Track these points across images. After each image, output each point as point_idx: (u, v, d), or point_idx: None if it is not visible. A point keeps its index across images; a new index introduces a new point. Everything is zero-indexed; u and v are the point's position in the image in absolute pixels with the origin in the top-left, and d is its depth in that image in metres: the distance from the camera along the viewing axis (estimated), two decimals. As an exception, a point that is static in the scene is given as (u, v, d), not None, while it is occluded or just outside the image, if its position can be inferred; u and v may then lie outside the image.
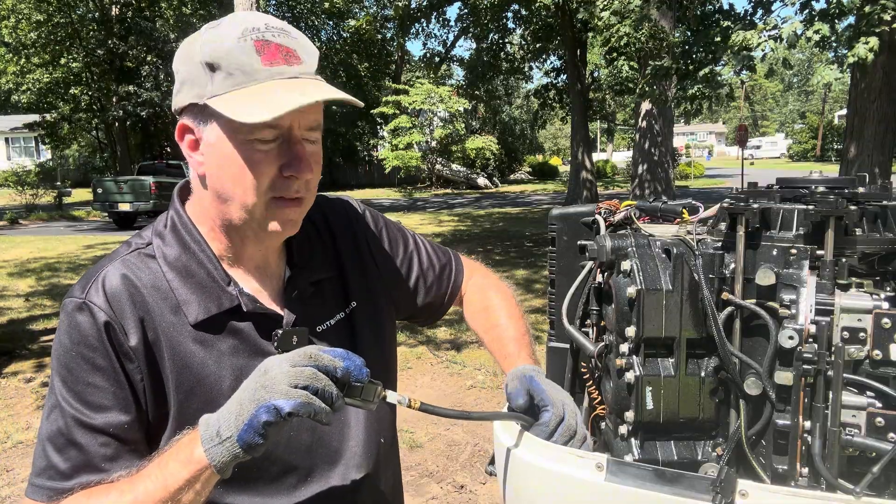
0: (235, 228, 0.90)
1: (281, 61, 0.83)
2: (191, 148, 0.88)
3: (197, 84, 0.84)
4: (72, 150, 31.72)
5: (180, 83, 0.87)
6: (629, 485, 0.81)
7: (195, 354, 0.88)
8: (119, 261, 0.90)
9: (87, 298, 0.86)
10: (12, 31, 22.19)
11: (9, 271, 9.80)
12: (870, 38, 5.71)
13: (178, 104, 0.88)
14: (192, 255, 0.90)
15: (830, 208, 0.80)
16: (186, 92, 0.85)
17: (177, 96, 0.88)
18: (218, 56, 0.82)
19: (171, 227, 0.92)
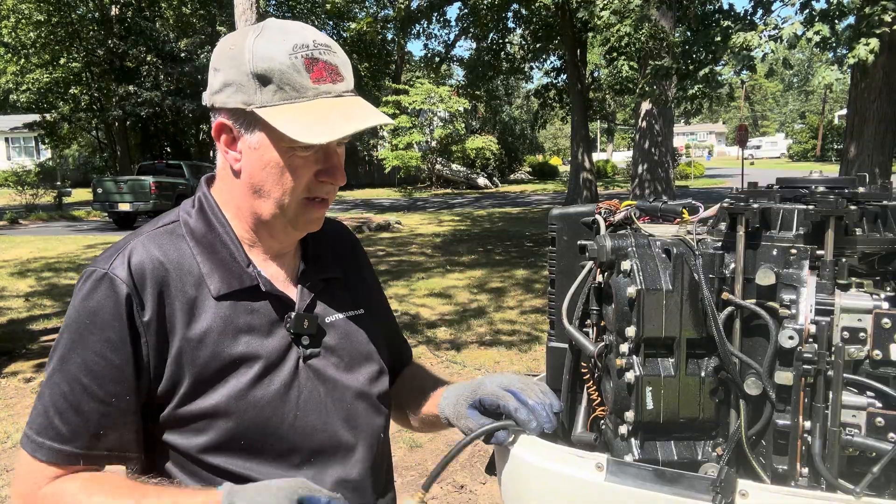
0: (263, 221, 0.96)
1: (328, 79, 0.90)
2: (227, 144, 0.93)
3: (244, 91, 0.89)
4: (72, 150, 31.72)
5: (223, 84, 0.91)
6: (629, 485, 0.81)
7: (212, 328, 0.92)
8: (145, 236, 0.94)
9: (112, 270, 0.89)
10: (12, 31, 22.18)
11: (9, 271, 9.80)
12: (870, 39, 5.71)
13: (219, 103, 0.92)
14: (217, 234, 0.96)
15: (830, 208, 0.80)
16: (231, 95, 0.90)
17: (217, 95, 0.92)
18: (270, 70, 0.88)
19: (199, 209, 0.98)
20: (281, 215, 0.94)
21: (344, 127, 0.87)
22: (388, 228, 14.24)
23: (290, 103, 0.88)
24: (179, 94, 25.06)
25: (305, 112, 0.88)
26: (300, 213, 0.95)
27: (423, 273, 9.17)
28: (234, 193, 0.96)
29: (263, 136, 0.90)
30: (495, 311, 7.03)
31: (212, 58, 0.94)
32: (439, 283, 8.50)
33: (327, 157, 0.93)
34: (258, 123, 0.89)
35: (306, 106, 0.88)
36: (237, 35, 0.93)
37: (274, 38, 0.89)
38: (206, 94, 0.95)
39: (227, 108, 0.91)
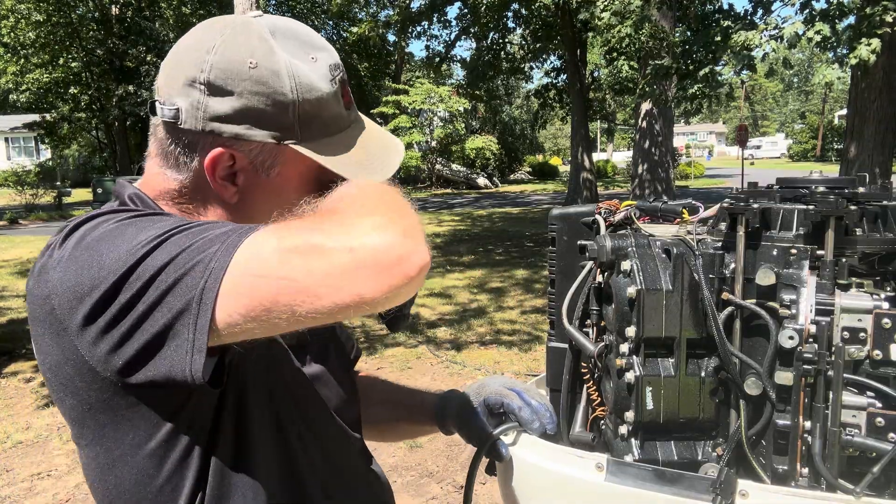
0: None
1: (352, 102, 0.81)
2: (223, 175, 0.76)
3: (277, 125, 0.74)
4: (71, 150, 31.72)
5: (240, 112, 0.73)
6: (629, 485, 0.81)
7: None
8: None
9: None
10: (11, 31, 22.18)
11: (9, 271, 9.81)
12: (871, 39, 5.71)
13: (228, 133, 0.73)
14: None
15: (831, 208, 0.80)
16: (253, 128, 0.73)
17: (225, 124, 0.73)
18: (318, 104, 0.75)
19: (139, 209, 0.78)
20: None
21: (390, 159, 0.80)
22: (388, 228, 14.20)
23: (328, 136, 0.77)
24: (179, 94, 24.97)
25: (347, 144, 0.78)
26: None
27: (423, 273, 9.16)
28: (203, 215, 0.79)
29: (289, 173, 0.76)
30: (495, 311, 7.03)
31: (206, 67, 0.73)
32: (439, 283, 8.50)
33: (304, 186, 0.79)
34: (285, 159, 0.76)
35: (343, 138, 0.78)
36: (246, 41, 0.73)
37: (303, 55, 0.75)
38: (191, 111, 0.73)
39: (246, 140, 0.74)
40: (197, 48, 0.74)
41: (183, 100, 0.73)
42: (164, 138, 0.76)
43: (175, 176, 0.77)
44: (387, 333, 6.18)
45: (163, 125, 0.76)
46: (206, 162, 0.75)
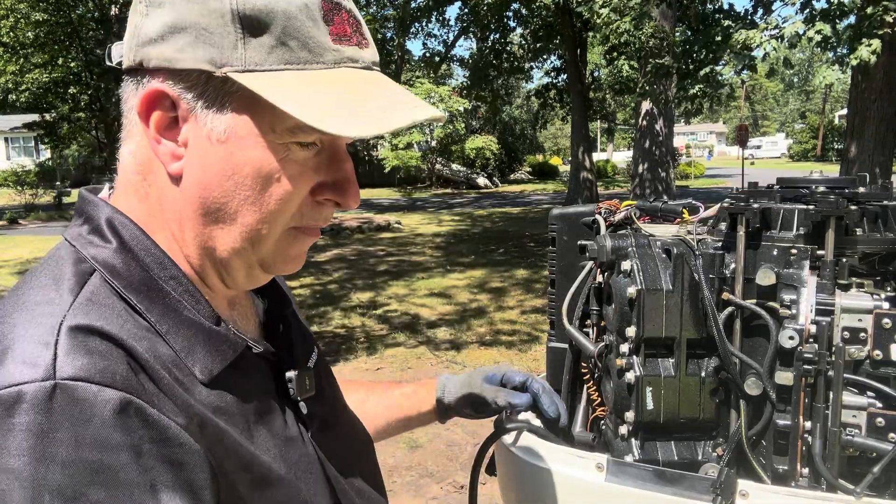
0: (217, 258, 0.60)
1: (352, 40, 0.58)
2: (161, 128, 0.57)
3: (212, 42, 0.54)
4: (71, 150, 31.72)
5: (169, 27, 0.55)
6: (629, 485, 0.81)
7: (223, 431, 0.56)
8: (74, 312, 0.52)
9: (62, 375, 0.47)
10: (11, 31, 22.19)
11: (9, 271, 9.81)
12: (872, 39, 5.71)
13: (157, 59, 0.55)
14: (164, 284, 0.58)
15: (831, 208, 0.80)
16: (186, 48, 0.54)
17: (153, 46, 0.55)
18: (266, 10, 0.54)
19: (119, 243, 0.58)
20: (249, 251, 0.59)
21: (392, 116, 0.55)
22: (389, 228, 14.24)
23: (296, 69, 0.55)
24: (179, 94, 25.03)
25: (324, 85, 0.55)
26: (280, 249, 0.61)
27: (424, 273, 9.17)
28: (165, 211, 0.59)
29: (242, 120, 0.55)
30: (495, 311, 7.03)
31: None
32: (439, 283, 8.50)
33: (336, 162, 0.60)
34: (233, 98, 0.55)
35: (323, 76, 0.55)
36: None
37: None
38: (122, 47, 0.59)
39: (172, 67, 0.55)
40: None
41: (127, 32, 0.58)
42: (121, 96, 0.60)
43: (129, 147, 0.60)
44: (387, 333, 6.19)
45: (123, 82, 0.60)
46: (139, 105, 0.56)
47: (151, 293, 0.56)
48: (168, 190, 0.58)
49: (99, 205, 0.60)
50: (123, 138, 0.60)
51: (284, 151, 0.57)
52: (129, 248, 0.58)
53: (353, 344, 5.82)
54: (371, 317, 6.81)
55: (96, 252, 0.57)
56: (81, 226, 0.60)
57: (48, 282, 0.55)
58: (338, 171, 0.60)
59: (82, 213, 0.61)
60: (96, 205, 0.60)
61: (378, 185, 28.58)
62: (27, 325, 0.50)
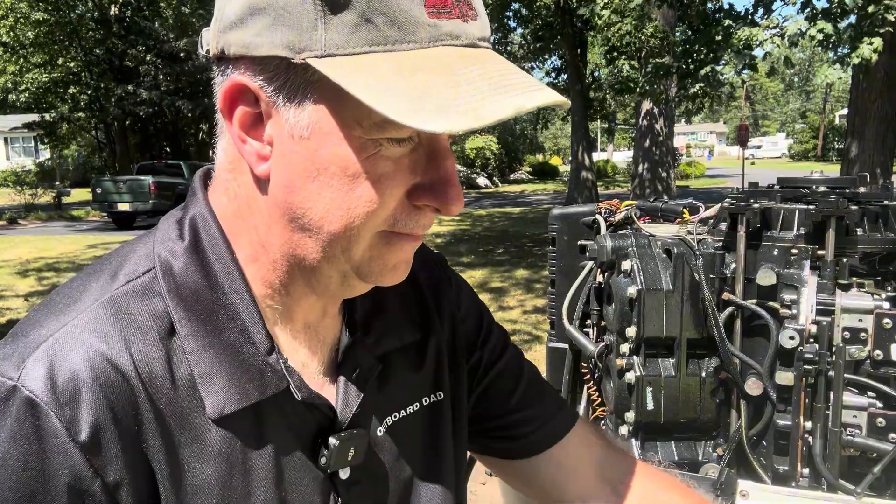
0: (306, 267, 0.54)
1: (453, 11, 0.49)
2: (245, 126, 0.51)
3: (290, 24, 0.47)
4: (71, 150, 31.73)
5: (248, 9, 0.48)
6: (630, 485, 0.80)
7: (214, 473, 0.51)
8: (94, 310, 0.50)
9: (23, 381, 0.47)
10: (10, 31, 22.20)
11: (8, 271, 9.81)
12: (873, 38, 5.71)
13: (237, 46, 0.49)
14: (222, 294, 0.53)
15: (831, 208, 0.80)
16: (263, 31, 0.47)
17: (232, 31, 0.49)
18: None
19: (193, 243, 0.54)
20: (340, 259, 0.53)
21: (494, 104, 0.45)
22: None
23: (383, 50, 0.46)
24: (179, 94, 25.08)
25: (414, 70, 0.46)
26: (376, 256, 0.54)
27: (423, 273, 9.16)
28: (254, 220, 0.54)
29: (324, 114, 0.48)
30: (496, 311, 7.04)
31: None
32: (439, 282, 8.49)
33: (434, 160, 0.52)
34: (314, 88, 0.48)
35: (414, 58, 0.47)
36: None
37: None
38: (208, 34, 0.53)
39: (252, 55, 0.48)
40: None
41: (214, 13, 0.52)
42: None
43: (221, 145, 0.55)
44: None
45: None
46: (220, 101, 0.51)
47: (197, 304, 0.52)
48: (255, 193, 0.53)
49: (197, 196, 0.57)
50: (218, 132, 0.55)
51: (374, 148, 0.49)
52: (201, 249, 0.54)
53: (353, 344, 5.81)
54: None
55: (164, 247, 0.54)
56: (179, 211, 0.57)
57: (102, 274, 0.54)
58: (436, 171, 0.51)
59: (185, 200, 0.58)
60: (196, 196, 0.57)
61: (378, 185, 28.50)
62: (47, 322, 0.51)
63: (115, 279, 0.53)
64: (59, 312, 0.51)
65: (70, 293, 0.53)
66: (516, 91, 0.47)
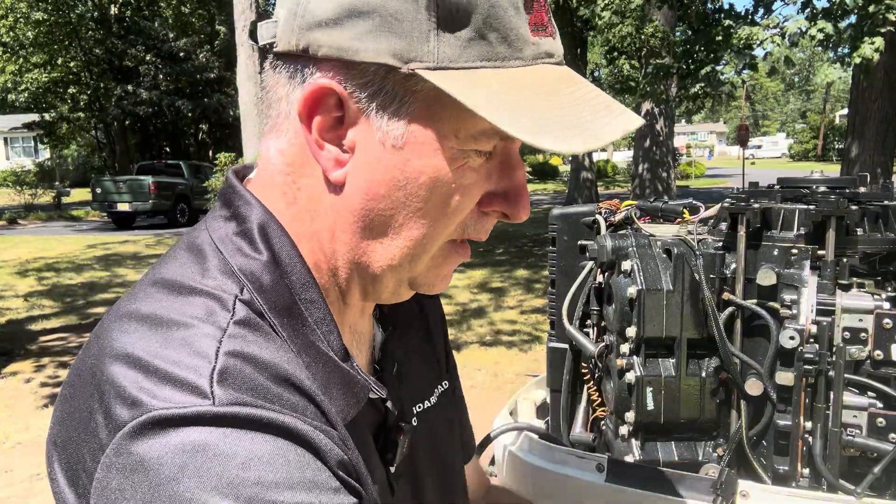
0: (365, 276, 0.54)
1: (548, 29, 0.50)
2: (325, 129, 0.49)
3: (403, 31, 0.46)
4: (70, 150, 31.73)
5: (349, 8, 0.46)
6: (629, 485, 0.81)
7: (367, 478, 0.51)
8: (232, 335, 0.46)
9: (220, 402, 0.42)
10: (10, 31, 22.21)
11: (8, 271, 9.81)
12: (874, 38, 5.71)
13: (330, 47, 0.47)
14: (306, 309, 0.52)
15: (831, 208, 0.80)
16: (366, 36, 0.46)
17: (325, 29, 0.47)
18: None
19: (273, 261, 0.51)
20: (406, 268, 0.53)
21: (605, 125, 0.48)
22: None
23: (492, 66, 0.47)
24: (178, 94, 25.09)
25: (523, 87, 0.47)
26: (435, 265, 0.55)
27: (423, 273, 9.17)
28: (315, 220, 0.52)
29: (422, 124, 0.48)
30: (496, 311, 7.04)
31: None
32: (439, 282, 8.50)
33: (508, 169, 0.53)
34: (415, 98, 0.48)
35: (521, 76, 0.47)
36: None
37: None
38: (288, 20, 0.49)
39: (350, 59, 0.47)
40: None
41: (283, 7, 0.50)
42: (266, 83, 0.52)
43: (277, 144, 0.52)
44: (387, 333, 6.18)
45: (269, 66, 0.52)
46: (300, 105, 0.49)
47: (294, 320, 0.51)
48: (324, 198, 0.51)
49: (252, 203, 0.53)
50: (268, 131, 0.53)
51: (463, 159, 0.49)
52: (280, 262, 0.51)
53: (353, 344, 5.81)
54: (371, 317, 6.80)
55: (245, 263, 0.51)
56: (229, 222, 0.53)
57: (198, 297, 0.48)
58: (510, 179, 0.53)
59: (231, 205, 0.54)
60: (248, 202, 0.53)
61: (378, 185, 28.53)
62: (183, 344, 0.45)
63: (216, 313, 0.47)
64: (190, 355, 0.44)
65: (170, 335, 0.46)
66: (614, 113, 0.49)
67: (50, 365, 5.46)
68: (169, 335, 0.45)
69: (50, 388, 4.92)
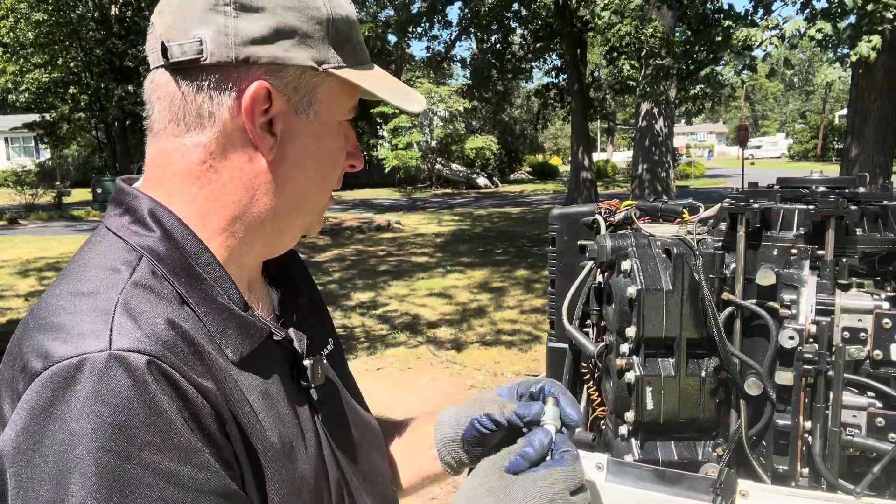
0: (273, 231, 0.69)
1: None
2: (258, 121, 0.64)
3: (312, 45, 0.64)
4: (71, 150, 31.72)
5: (272, 30, 0.62)
6: (629, 485, 0.81)
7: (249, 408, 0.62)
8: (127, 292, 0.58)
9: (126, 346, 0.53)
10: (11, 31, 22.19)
11: (9, 271, 9.81)
12: (872, 36, 5.71)
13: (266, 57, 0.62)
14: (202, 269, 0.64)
15: (831, 208, 0.80)
16: (291, 48, 0.63)
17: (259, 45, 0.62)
18: (349, 21, 0.67)
19: (165, 234, 0.63)
20: (311, 215, 0.72)
21: (416, 97, 0.73)
22: (389, 228, 14.25)
23: (358, 67, 0.68)
24: (179, 94, 25.02)
25: (376, 76, 0.70)
26: (322, 210, 0.73)
27: (424, 273, 9.18)
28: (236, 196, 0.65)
29: (325, 108, 0.67)
30: (496, 310, 7.03)
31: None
32: (440, 283, 8.50)
33: (351, 133, 0.73)
34: (321, 90, 0.66)
35: (369, 72, 0.70)
36: None
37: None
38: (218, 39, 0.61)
39: (280, 63, 0.63)
40: None
41: (205, 29, 0.61)
42: (177, 94, 0.63)
43: (197, 139, 0.63)
44: (388, 333, 6.19)
45: (172, 78, 0.63)
46: (246, 102, 0.62)
47: (191, 278, 0.62)
48: (248, 175, 0.65)
49: (139, 196, 0.65)
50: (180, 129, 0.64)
51: (342, 129, 0.71)
52: (171, 235, 0.63)
53: (353, 344, 5.82)
54: (371, 317, 6.81)
55: (141, 240, 0.63)
56: (122, 216, 0.65)
57: (100, 270, 0.60)
58: (352, 140, 0.73)
59: (122, 203, 0.66)
60: (136, 196, 0.65)
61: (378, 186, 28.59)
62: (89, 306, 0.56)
63: (118, 272, 0.60)
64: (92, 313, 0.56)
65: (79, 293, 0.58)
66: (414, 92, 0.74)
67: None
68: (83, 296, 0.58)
69: (50, 389, 4.92)
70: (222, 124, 0.63)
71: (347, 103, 0.70)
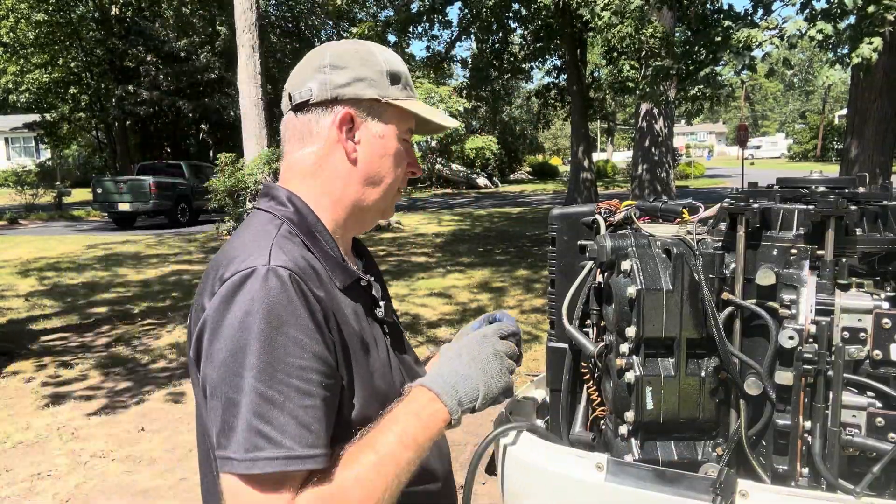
0: (363, 208, 1.04)
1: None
2: (345, 133, 1.00)
3: (377, 86, 1.01)
4: (71, 150, 31.71)
5: (353, 79, 1.00)
6: (629, 485, 0.81)
7: (349, 317, 0.95)
8: (278, 241, 0.92)
9: (276, 265, 0.86)
10: (11, 31, 22.18)
11: (9, 271, 9.81)
12: (873, 38, 5.71)
13: (349, 95, 1.00)
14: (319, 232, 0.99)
15: (831, 208, 0.80)
16: (364, 89, 1.01)
17: (344, 88, 1.00)
18: (398, 71, 1.04)
19: (295, 210, 0.99)
20: (381, 203, 1.05)
21: (447, 119, 1.10)
22: (389, 228, 14.25)
23: (409, 100, 1.04)
24: (179, 94, 25.08)
25: (421, 106, 1.06)
26: (392, 202, 1.08)
27: (424, 273, 9.18)
28: (336, 184, 1.01)
29: (389, 126, 1.02)
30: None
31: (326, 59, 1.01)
32: (440, 282, 8.50)
33: (411, 149, 1.08)
34: (386, 114, 1.02)
35: (416, 103, 1.06)
36: (350, 43, 1.05)
37: (390, 51, 1.07)
38: (321, 87, 1.00)
39: (357, 98, 1.00)
40: (313, 55, 1.04)
41: (313, 82, 1.00)
42: (298, 121, 1.02)
43: (310, 149, 1.01)
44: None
45: (294, 114, 1.02)
46: (337, 121, 0.99)
47: (312, 237, 0.98)
48: (341, 170, 1.01)
49: (279, 188, 1.02)
50: (300, 145, 1.02)
51: (402, 142, 1.05)
52: (299, 210, 0.99)
53: (353, 344, 5.80)
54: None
55: (282, 213, 0.99)
56: (269, 200, 1.02)
57: (260, 228, 0.96)
58: (412, 155, 1.08)
59: (268, 193, 1.03)
60: (277, 188, 1.02)
61: (378, 186, 28.52)
62: (255, 246, 0.91)
63: (269, 231, 0.95)
64: (257, 248, 0.90)
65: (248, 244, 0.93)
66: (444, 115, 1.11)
67: (51, 365, 5.46)
68: (251, 241, 0.93)
69: (51, 388, 4.92)
70: (324, 139, 1.00)
71: (404, 125, 1.04)
